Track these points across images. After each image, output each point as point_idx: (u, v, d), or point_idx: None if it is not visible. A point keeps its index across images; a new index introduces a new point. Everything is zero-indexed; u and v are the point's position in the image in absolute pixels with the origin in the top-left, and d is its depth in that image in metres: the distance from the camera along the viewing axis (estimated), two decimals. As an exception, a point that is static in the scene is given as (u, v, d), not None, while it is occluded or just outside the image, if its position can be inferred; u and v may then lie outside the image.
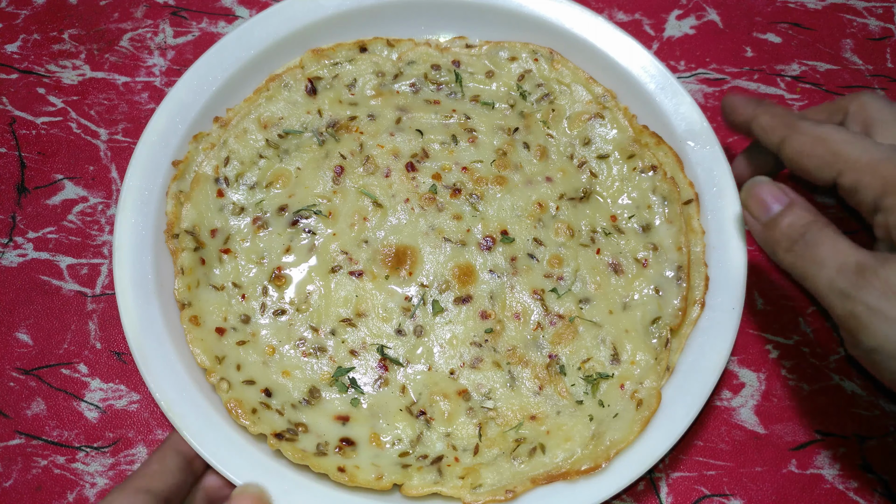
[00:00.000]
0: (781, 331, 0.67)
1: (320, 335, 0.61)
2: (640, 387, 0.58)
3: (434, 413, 0.58)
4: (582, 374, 0.60)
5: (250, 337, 0.60)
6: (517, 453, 0.57)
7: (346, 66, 0.68)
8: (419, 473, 0.56)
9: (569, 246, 0.63)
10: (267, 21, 0.68)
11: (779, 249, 0.54)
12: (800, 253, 0.52)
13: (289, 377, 0.59)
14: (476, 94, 0.69)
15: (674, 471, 0.62)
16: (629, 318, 0.61)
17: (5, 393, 0.63)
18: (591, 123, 0.67)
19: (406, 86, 0.69)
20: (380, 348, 0.60)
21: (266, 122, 0.65)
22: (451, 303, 0.62)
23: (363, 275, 0.62)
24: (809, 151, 0.55)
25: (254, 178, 0.64)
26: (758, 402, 0.64)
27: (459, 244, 0.63)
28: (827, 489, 0.61)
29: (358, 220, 0.63)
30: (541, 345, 0.61)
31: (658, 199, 0.64)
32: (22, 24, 0.78)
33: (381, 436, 0.57)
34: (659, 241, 0.63)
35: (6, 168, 0.71)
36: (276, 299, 0.61)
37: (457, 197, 0.64)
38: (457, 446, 0.58)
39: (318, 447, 0.56)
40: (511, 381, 0.60)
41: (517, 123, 0.67)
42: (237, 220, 0.63)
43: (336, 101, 0.67)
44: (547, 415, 0.58)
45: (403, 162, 0.65)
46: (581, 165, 0.66)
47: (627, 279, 0.62)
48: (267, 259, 0.62)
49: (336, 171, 0.65)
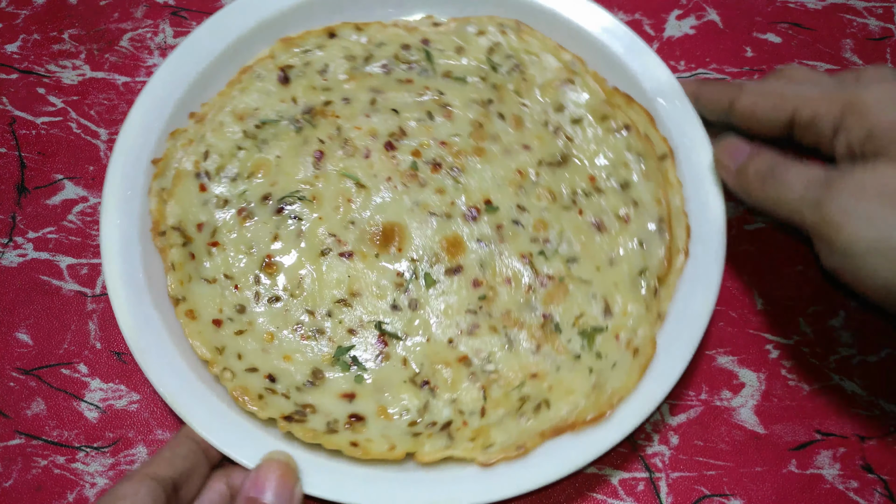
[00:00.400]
0: (781, 331, 0.67)
1: (317, 318, 0.61)
2: (634, 336, 0.60)
3: (437, 381, 0.59)
4: (577, 330, 0.61)
5: (247, 326, 0.60)
6: (523, 411, 0.58)
7: (317, 52, 0.69)
8: (430, 440, 0.56)
9: (551, 209, 0.65)
10: (234, 14, 0.69)
11: (752, 190, 0.57)
12: (770, 185, 0.55)
13: (290, 361, 0.59)
14: (447, 70, 0.70)
15: (674, 471, 0.62)
16: (617, 273, 0.62)
17: (5, 393, 0.64)
18: (562, 90, 0.68)
19: (378, 67, 0.70)
20: (377, 324, 0.61)
21: (241, 113, 0.66)
22: (443, 274, 0.63)
23: (353, 255, 0.63)
24: (762, 101, 0.59)
25: (235, 170, 0.65)
26: (758, 402, 0.64)
27: (445, 217, 0.64)
28: (827, 489, 0.61)
29: (342, 203, 0.64)
30: (534, 306, 0.62)
31: (634, 157, 0.66)
32: (22, 24, 0.78)
33: (389, 408, 0.58)
34: (638, 197, 0.65)
35: (6, 168, 0.72)
36: (269, 286, 0.62)
37: (438, 171, 0.66)
38: (463, 411, 0.58)
39: (328, 425, 0.56)
40: (509, 343, 0.61)
41: (490, 95, 0.69)
42: (222, 213, 0.63)
43: (309, 87, 0.68)
44: (547, 372, 0.59)
45: (382, 142, 0.66)
46: (556, 131, 0.68)
47: (611, 236, 0.64)
48: (256, 248, 0.63)
49: (316, 157, 0.66)
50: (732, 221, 0.70)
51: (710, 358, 0.66)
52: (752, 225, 0.71)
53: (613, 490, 0.61)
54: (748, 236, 0.70)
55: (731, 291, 0.68)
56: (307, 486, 0.54)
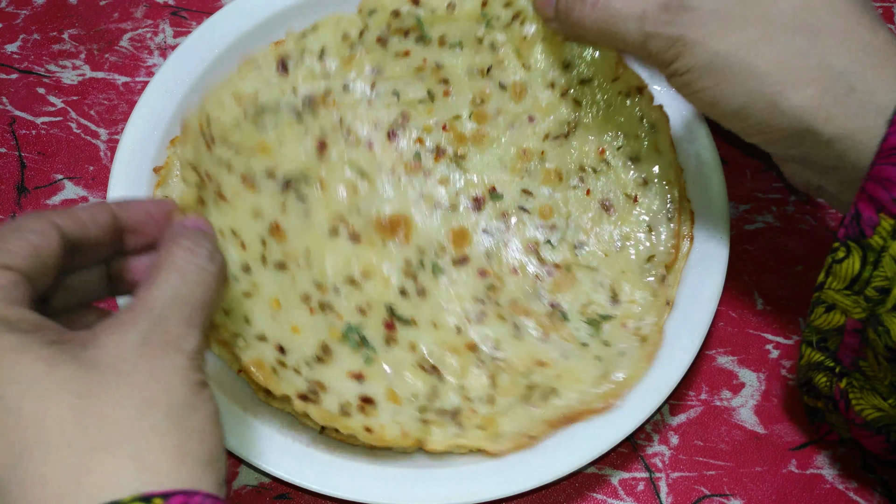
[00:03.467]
0: (781, 331, 0.67)
1: (325, 293, 0.59)
2: (641, 324, 0.59)
3: (445, 368, 0.58)
4: (584, 318, 0.60)
5: (253, 288, 0.58)
6: (531, 399, 0.57)
7: (310, 36, 0.66)
8: (440, 428, 0.56)
9: (558, 191, 0.64)
10: (235, 14, 0.68)
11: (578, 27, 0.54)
12: (599, 19, 0.52)
13: (298, 333, 0.57)
14: (441, 35, 0.66)
15: (674, 471, 0.62)
16: (624, 259, 0.62)
17: (5, 393, 0.63)
18: (567, 42, 0.64)
19: (373, 42, 0.67)
20: (387, 306, 0.60)
21: (241, 97, 0.63)
22: (450, 265, 0.62)
23: (361, 239, 0.62)
24: None
25: (237, 141, 0.62)
26: (758, 402, 0.64)
27: (450, 209, 0.64)
28: (827, 489, 0.61)
29: (349, 193, 0.63)
30: (541, 295, 0.62)
31: (647, 128, 0.64)
32: (22, 24, 0.78)
33: (398, 391, 0.57)
34: (648, 174, 0.63)
35: (6, 168, 0.72)
36: (277, 251, 0.59)
37: (441, 160, 0.65)
38: (471, 398, 0.58)
39: (342, 407, 0.55)
40: (516, 331, 0.60)
41: (490, 61, 0.66)
42: (228, 176, 0.60)
43: (309, 74, 0.66)
44: (555, 360, 0.59)
45: (384, 131, 0.65)
46: (563, 94, 0.65)
47: (620, 216, 0.63)
48: (263, 215, 0.60)
49: (318, 147, 0.64)
50: (732, 222, 0.70)
51: (710, 358, 0.66)
52: (752, 225, 0.71)
53: (613, 490, 0.61)
54: (748, 236, 0.70)
55: (731, 291, 0.68)
56: (325, 487, 0.54)
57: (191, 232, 0.45)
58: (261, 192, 0.61)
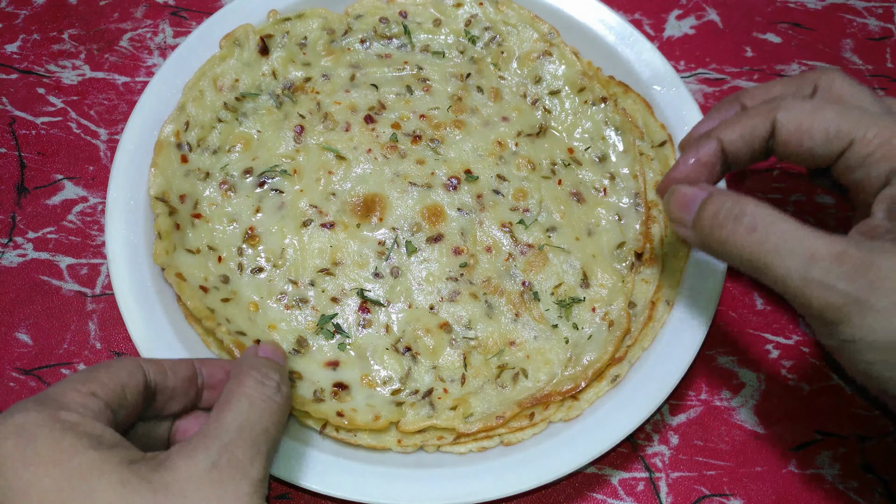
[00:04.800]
0: (781, 331, 0.67)
1: (300, 287, 0.62)
2: (609, 308, 0.62)
3: (419, 348, 0.60)
4: (555, 300, 0.63)
5: (232, 295, 0.61)
6: (502, 380, 0.60)
7: (296, 22, 0.70)
8: (413, 409, 0.58)
9: (531, 179, 0.67)
10: (234, 14, 0.69)
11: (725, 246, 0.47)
12: (753, 245, 0.45)
13: (275, 330, 0.60)
14: (426, 44, 0.72)
15: (674, 471, 0.62)
16: (595, 244, 0.65)
17: (5, 393, 0.63)
18: (540, 62, 0.70)
19: (356, 42, 0.71)
20: (359, 292, 0.62)
21: (221, 83, 0.66)
22: (424, 242, 0.64)
23: (335, 226, 0.64)
24: (809, 126, 0.48)
25: (216, 142, 0.65)
26: (758, 402, 0.64)
27: (425, 187, 0.66)
28: (827, 489, 0.61)
29: (323, 175, 0.65)
30: (514, 274, 0.64)
31: (612, 131, 0.68)
32: (22, 24, 0.78)
33: (372, 376, 0.59)
34: (615, 171, 0.67)
35: (6, 168, 0.72)
36: (252, 257, 0.63)
37: (418, 143, 0.67)
38: (444, 378, 0.60)
39: (315, 394, 0.57)
40: (489, 310, 0.62)
41: (469, 69, 0.71)
42: (204, 186, 0.64)
43: (289, 60, 0.69)
44: (525, 340, 0.61)
45: (361, 115, 0.68)
46: (534, 103, 0.70)
47: (590, 206, 0.66)
48: (238, 221, 0.63)
49: (297, 131, 0.67)
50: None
51: (710, 358, 0.66)
52: (752, 225, 0.70)
53: (613, 490, 0.61)
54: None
55: (731, 291, 0.68)
56: (327, 487, 0.54)
57: (261, 362, 0.49)
58: (238, 193, 0.64)
